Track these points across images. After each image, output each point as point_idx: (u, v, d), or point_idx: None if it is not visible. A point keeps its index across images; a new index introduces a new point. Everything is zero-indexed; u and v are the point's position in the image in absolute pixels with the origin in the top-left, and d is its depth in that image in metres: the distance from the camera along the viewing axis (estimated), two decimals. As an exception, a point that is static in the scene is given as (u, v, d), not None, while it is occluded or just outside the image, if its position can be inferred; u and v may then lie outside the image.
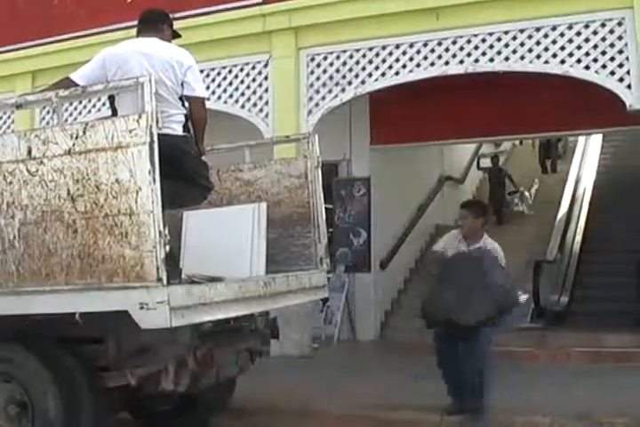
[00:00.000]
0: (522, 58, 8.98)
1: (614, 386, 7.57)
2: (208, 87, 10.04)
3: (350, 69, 9.84)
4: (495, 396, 6.44)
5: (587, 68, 8.71)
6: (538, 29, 8.90)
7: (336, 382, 8.12)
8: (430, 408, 6.73)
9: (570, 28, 8.79)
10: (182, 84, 5.37)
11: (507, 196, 17.13)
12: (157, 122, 4.26)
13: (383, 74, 9.67)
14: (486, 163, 17.90)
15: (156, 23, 5.61)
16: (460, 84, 10.18)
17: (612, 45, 8.62)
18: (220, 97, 10.42)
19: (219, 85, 10.44)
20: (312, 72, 10.06)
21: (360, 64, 9.78)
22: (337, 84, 9.91)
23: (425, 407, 6.80)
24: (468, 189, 17.45)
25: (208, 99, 6.24)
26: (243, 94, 10.35)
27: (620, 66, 8.56)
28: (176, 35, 5.79)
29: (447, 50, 9.33)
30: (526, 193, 17.49)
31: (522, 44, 8.97)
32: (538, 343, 9.96)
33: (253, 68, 10.32)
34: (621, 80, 8.55)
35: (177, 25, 5.93)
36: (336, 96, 9.93)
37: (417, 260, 13.68)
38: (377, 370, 6.51)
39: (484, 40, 9.15)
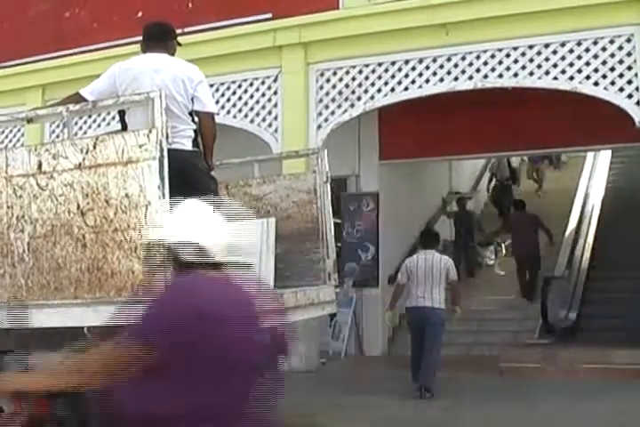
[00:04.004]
0: (531, 74, 9.00)
1: (623, 404, 7.54)
2: (217, 102, 10.06)
3: (359, 85, 9.86)
4: (501, 411, 6.41)
5: (595, 84, 8.71)
6: (547, 45, 8.92)
7: (341, 398, 8.10)
8: (436, 424, 6.71)
9: (579, 44, 8.80)
10: (192, 100, 5.38)
11: (477, 247, 15.04)
12: (167, 137, 4.28)
13: (392, 89, 9.70)
14: (452, 206, 15.35)
15: (164, 39, 5.63)
16: (469, 100, 10.20)
17: (620, 62, 8.63)
18: (229, 112, 10.45)
19: (228, 100, 10.47)
20: (321, 87, 10.09)
21: (369, 79, 9.81)
22: (346, 99, 9.93)
23: (432, 423, 6.78)
24: (476, 205, 17.34)
25: (217, 114, 6.25)
26: (252, 109, 10.38)
27: (629, 82, 8.57)
28: (177, 43, 5.82)
29: (456, 66, 9.35)
30: (502, 245, 15.16)
31: (531, 60, 8.99)
32: (546, 359, 9.91)
33: (263, 82, 10.35)
34: (630, 96, 8.56)
35: (187, 39, 5.97)
36: (345, 111, 9.95)
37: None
38: (383, 385, 6.50)
39: (493, 56, 9.18)
